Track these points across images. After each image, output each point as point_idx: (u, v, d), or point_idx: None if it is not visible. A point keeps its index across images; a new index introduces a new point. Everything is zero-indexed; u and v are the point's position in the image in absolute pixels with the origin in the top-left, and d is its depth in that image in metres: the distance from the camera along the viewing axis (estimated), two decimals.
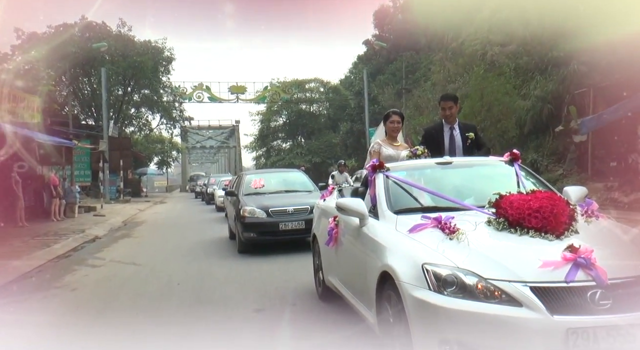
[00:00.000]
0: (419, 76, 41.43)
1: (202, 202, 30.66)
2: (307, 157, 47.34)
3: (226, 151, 71.00)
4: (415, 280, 3.18)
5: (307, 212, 9.14)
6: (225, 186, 18.92)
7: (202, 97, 41.58)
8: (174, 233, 14.58)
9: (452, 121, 5.56)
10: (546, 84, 20.57)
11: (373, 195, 4.40)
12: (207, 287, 7.04)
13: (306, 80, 51.93)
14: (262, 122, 52.71)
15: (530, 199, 3.55)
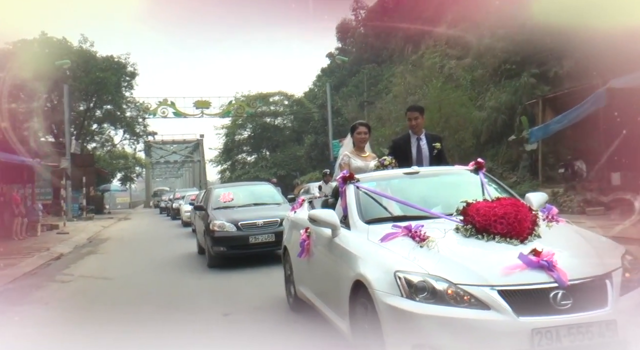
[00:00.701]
0: (381, 88, 42.28)
1: (168, 217, 30.51)
2: (272, 170, 47.59)
3: (190, 165, 70.66)
4: (388, 288, 3.27)
5: (276, 225, 9.13)
6: (191, 201, 18.91)
7: (167, 113, 41.56)
8: (140, 249, 14.64)
9: (418, 132, 5.71)
10: (500, 96, 21.54)
11: (344, 206, 4.49)
12: (178, 297, 7.30)
13: (270, 93, 52.34)
14: (227, 136, 52.81)
15: (496, 206, 3.69)
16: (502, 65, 22.13)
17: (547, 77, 20.67)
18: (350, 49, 54.64)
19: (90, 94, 39.55)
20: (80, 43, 39.34)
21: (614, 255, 3.49)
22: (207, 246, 9.71)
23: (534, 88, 20.47)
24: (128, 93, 41.92)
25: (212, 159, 55.77)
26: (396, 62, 43.11)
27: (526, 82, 20.52)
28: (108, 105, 41.67)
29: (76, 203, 31.55)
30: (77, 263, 11.97)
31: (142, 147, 50.68)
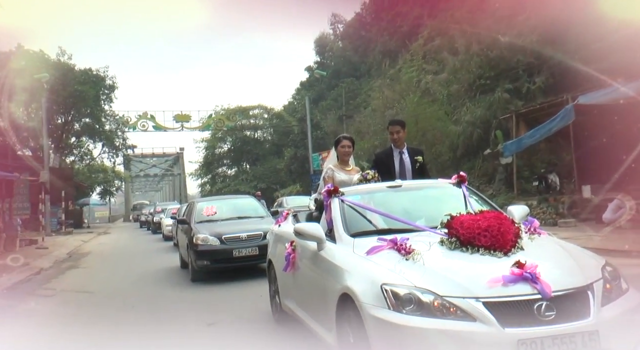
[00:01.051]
0: (360, 102, 42.81)
1: (148, 231, 30.39)
2: (252, 183, 47.69)
3: (170, 179, 70.30)
4: (375, 300, 3.31)
5: (260, 238, 9.18)
6: (173, 214, 18.94)
7: (146, 126, 41.51)
8: (122, 263, 14.68)
9: (400, 145, 5.79)
10: (475, 110, 22.08)
11: (329, 219, 4.52)
12: (162, 309, 7.47)
13: (250, 106, 52.61)
14: (207, 149, 52.85)
15: (479, 219, 3.75)
16: (477, 81, 22.72)
17: (520, 92, 21.27)
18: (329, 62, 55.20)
19: (69, 107, 39.34)
20: (58, 56, 39.22)
21: (594, 266, 3.56)
22: (190, 260, 9.68)
23: (507, 103, 21.04)
24: (107, 106, 41.81)
25: (192, 172, 55.79)
26: (374, 76, 43.72)
27: (500, 97, 21.09)
28: (87, 118, 41.47)
29: (55, 217, 31.30)
30: (58, 277, 12.01)
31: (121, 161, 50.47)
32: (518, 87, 21.34)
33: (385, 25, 45.79)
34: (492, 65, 22.44)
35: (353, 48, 52.36)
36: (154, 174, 67.94)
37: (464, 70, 23.79)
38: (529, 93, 21.16)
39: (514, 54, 21.78)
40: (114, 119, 42.73)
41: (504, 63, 22.11)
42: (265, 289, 6.67)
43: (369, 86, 42.80)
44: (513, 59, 21.77)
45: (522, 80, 21.43)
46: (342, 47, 54.95)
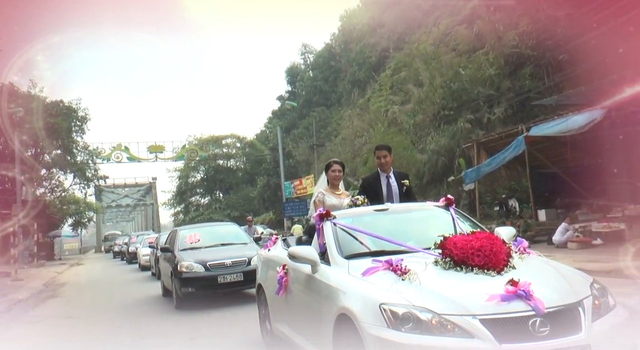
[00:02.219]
0: (331, 130, 43.84)
1: (123, 261, 30.32)
2: (225, 212, 48.05)
3: (143, 209, 69.92)
4: (374, 320, 3.39)
5: (244, 264, 9.33)
6: (150, 244, 18.78)
7: (121, 158, 41.77)
8: (101, 292, 14.86)
9: (387, 170, 5.87)
10: (439, 139, 23.27)
11: (322, 242, 4.60)
12: (148, 332, 7.94)
13: (223, 136, 53.33)
14: (180, 179, 53.15)
15: (472, 239, 3.84)
16: (441, 111, 24.00)
17: (481, 123, 22.58)
18: (300, 91, 56.42)
19: (40, 140, 39.28)
20: (29, 88, 39.32)
21: (583, 284, 3.68)
22: (174, 287, 9.67)
23: (469, 132, 22.30)
24: (79, 138, 41.91)
25: (165, 201, 55.83)
26: (344, 105, 44.96)
27: (462, 127, 22.36)
28: (58, 150, 41.43)
29: (26, 250, 31.13)
30: (39, 306, 12.33)
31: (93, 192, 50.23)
32: (479, 117, 22.66)
33: (354, 56, 47.32)
34: (454, 97, 23.78)
35: (323, 77, 53.68)
36: (126, 204, 67.51)
37: (429, 101, 25.09)
38: (489, 123, 22.49)
39: (474, 86, 23.17)
40: (86, 150, 42.79)
41: (465, 95, 23.48)
42: (251, 313, 6.76)
43: (339, 115, 43.96)
44: (474, 91, 23.16)
45: (483, 111, 22.78)
46: (312, 76, 56.17)
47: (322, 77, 53.46)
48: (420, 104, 26.01)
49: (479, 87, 22.93)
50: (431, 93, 25.14)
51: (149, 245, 18.55)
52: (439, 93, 24.55)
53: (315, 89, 53.32)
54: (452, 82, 23.96)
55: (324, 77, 53.17)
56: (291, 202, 32.65)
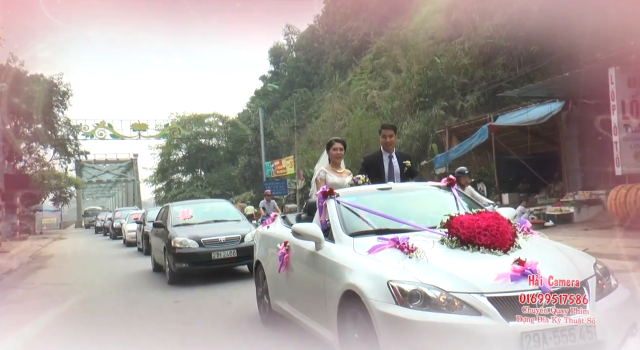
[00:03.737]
0: (312, 112, 44.46)
1: (105, 237, 30.61)
2: (207, 190, 48.67)
3: (124, 185, 70.23)
4: (382, 297, 3.42)
5: (238, 241, 9.41)
6: (135, 220, 18.82)
7: (104, 135, 42.10)
8: (90, 265, 15.04)
9: (390, 149, 5.92)
10: (415, 125, 24.27)
11: (324, 220, 4.64)
12: (140, 299, 8.53)
13: (205, 114, 53.68)
14: (162, 156, 53.47)
15: (478, 218, 3.87)
16: (417, 98, 24.97)
17: (455, 110, 23.61)
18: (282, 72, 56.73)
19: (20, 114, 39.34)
20: (9, 62, 39.23)
21: (587, 264, 3.75)
22: (167, 263, 9.72)
23: (443, 119, 23.34)
24: (61, 113, 42.02)
25: (147, 178, 56.21)
26: (326, 87, 45.53)
27: (437, 114, 23.37)
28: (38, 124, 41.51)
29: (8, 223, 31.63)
30: (31, 275, 13.02)
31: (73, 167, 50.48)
32: (453, 104, 23.68)
33: (337, 39, 47.74)
34: (430, 84, 24.74)
35: (306, 59, 53.99)
36: (107, 180, 67.74)
37: (406, 87, 26.01)
38: (462, 110, 23.53)
39: (449, 75, 24.15)
40: (67, 125, 42.97)
41: (440, 82, 24.44)
42: (245, 290, 7.00)
43: (321, 97, 44.60)
44: (449, 79, 24.14)
45: (457, 98, 23.80)
46: (295, 57, 56.38)
47: (305, 58, 53.72)
48: (397, 90, 26.90)
49: (453, 75, 23.89)
50: (408, 80, 26.05)
51: (135, 221, 18.56)
52: (416, 80, 25.48)
53: (298, 70, 53.61)
54: (429, 70, 24.89)
55: (307, 58, 53.44)
56: (271, 182, 33.54)
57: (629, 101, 11.16)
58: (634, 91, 11.17)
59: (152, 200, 57.51)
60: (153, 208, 21.41)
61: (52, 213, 60.83)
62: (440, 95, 24.19)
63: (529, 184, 17.89)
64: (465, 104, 23.32)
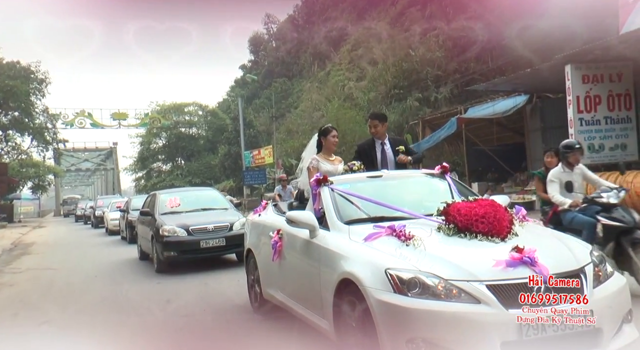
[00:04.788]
0: (292, 101, 44.88)
1: (86, 225, 30.51)
2: (187, 179, 48.92)
3: (103, 173, 70.02)
4: (380, 285, 3.38)
5: (227, 229, 9.45)
6: (118, 208, 18.77)
7: (84, 124, 42.04)
8: (73, 252, 15.06)
9: (381, 137, 5.89)
10: (390, 116, 24.90)
11: (317, 208, 4.59)
12: (126, 285, 8.57)
13: (185, 103, 53.76)
14: (142, 145, 53.46)
15: (475, 206, 3.84)
16: (392, 90, 25.66)
17: (428, 101, 24.37)
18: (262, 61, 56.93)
19: None
20: None
21: (583, 251, 3.73)
22: (155, 251, 9.70)
23: (418, 110, 24.09)
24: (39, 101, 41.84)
25: (127, 167, 56.19)
26: (306, 77, 45.97)
27: (411, 105, 24.10)
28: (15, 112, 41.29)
29: None
30: (16, 261, 13.38)
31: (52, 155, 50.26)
32: (427, 96, 24.44)
33: (316, 29, 48.15)
34: (405, 76, 25.45)
35: (286, 49, 54.20)
36: (86, 169, 67.48)
37: (382, 79, 26.69)
38: (436, 102, 24.31)
39: (424, 67, 24.87)
40: (47, 113, 42.82)
41: (415, 74, 25.17)
42: (235, 279, 7.12)
43: (300, 87, 45.01)
44: (423, 71, 24.86)
45: (431, 90, 24.56)
46: (275, 47, 56.57)
47: (285, 48, 53.87)
48: (374, 82, 27.56)
49: (428, 67, 24.62)
50: (384, 71, 26.70)
51: (118, 209, 18.51)
52: (391, 72, 26.14)
53: (278, 59, 53.81)
54: (404, 62, 25.56)
55: (287, 48, 53.58)
56: (251, 171, 33.99)
57: (583, 96, 11.94)
58: (588, 87, 11.94)
59: (132, 189, 57.60)
60: (137, 196, 21.13)
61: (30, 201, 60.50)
62: (414, 87, 24.91)
63: (497, 174, 18.71)
64: (439, 95, 24.09)
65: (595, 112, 12.06)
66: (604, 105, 12.06)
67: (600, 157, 12.21)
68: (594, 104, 12.04)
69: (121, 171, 59.09)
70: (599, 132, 12.12)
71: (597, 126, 12.09)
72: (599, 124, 12.10)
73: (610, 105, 12.09)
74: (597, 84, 12.00)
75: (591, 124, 12.07)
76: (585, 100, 12.00)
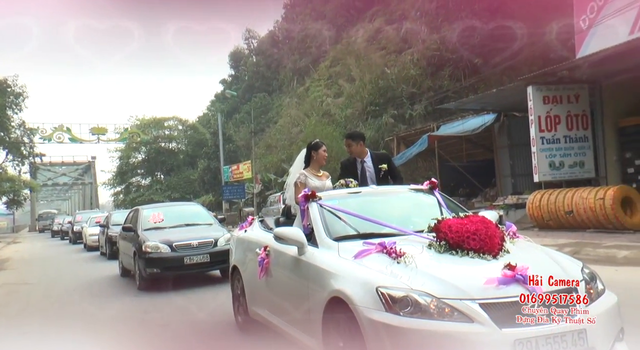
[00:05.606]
0: (271, 116, 45.32)
1: (64, 241, 30.05)
2: (166, 193, 48.82)
3: (81, 188, 69.41)
4: (371, 303, 3.31)
5: (211, 245, 9.28)
6: (97, 223, 18.44)
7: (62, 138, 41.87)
8: (51, 268, 14.90)
9: (360, 155, 5.90)
10: (366, 132, 25.48)
11: (306, 224, 4.52)
12: (108, 303, 8.47)
13: (165, 118, 53.82)
14: (121, 159, 53.27)
15: (467, 222, 3.76)
16: (368, 107, 26.27)
17: (404, 118, 25.00)
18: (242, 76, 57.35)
19: None
20: None
21: (575, 269, 3.68)
22: (137, 268, 9.46)
23: (393, 126, 24.69)
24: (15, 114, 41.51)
25: (105, 181, 55.85)
26: (285, 93, 46.49)
27: (387, 122, 24.71)
28: None
29: None
30: None
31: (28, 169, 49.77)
32: (402, 113, 25.07)
33: (296, 45, 48.82)
34: (381, 93, 26.09)
35: (266, 64, 54.71)
36: (63, 183, 66.82)
37: (358, 96, 27.33)
38: (411, 118, 24.94)
39: (399, 84, 25.55)
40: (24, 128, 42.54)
41: (391, 92, 25.82)
42: (219, 296, 7.05)
43: (279, 102, 45.50)
44: (398, 89, 25.54)
45: (406, 107, 25.20)
46: (255, 62, 57.09)
47: (265, 63, 54.37)
48: (351, 99, 28.16)
49: (403, 85, 25.29)
50: (361, 88, 27.33)
51: (98, 225, 18.11)
52: (368, 89, 26.77)
53: (258, 74, 54.22)
54: (380, 80, 26.22)
55: (267, 63, 54.10)
56: (230, 186, 34.25)
57: (544, 116, 12.57)
58: (548, 108, 12.58)
59: (111, 204, 57.24)
60: (117, 211, 20.84)
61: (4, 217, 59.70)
62: (390, 104, 25.53)
63: (469, 189, 19.32)
64: (413, 112, 24.73)
65: (556, 131, 12.70)
66: (564, 124, 12.72)
67: (560, 174, 12.84)
68: (554, 124, 12.69)
69: (99, 185, 58.73)
70: (559, 150, 12.76)
71: (558, 144, 12.74)
72: (559, 143, 12.75)
73: (569, 125, 12.76)
74: (556, 105, 12.66)
75: (552, 143, 12.70)
76: (546, 120, 12.64)
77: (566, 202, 11.59)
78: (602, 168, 13.06)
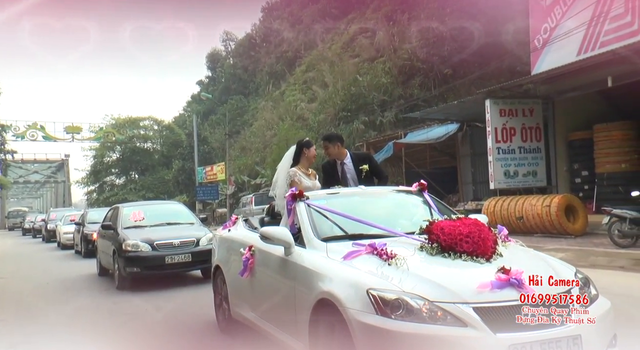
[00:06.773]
0: (247, 119, 45.72)
1: (36, 239, 29.84)
2: (140, 193, 48.75)
3: (53, 186, 68.70)
4: (361, 306, 3.23)
5: (193, 245, 9.18)
6: (72, 221, 18.34)
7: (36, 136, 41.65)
8: (24, 265, 14.70)
9: (338, 157, 5.85)
10: None
11: (292, 224, 4.45)
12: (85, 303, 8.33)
13: (140, 118, 53.75)
14: (95, 158, 52.98)
15: (459, 225, 3.69)
16: (340, 112, 27.01)
17: (374, 124, 25.76)
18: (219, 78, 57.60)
19: None
20: None
21: (568, 273, 3.64)
22: (117, 267, 9.36)
23: (364, 132, 25.43)
24: None
25: (79, 180, 55.46)
26: (261, 96, 46.95)
27: (358, 128, 25.46)
28: None
29: None
30: None
31: None
32: (372, 119, 25.83)
33: (273, 49, 49.36)
34: (353, 100, 26.85)
35: (243, 66, 55.07)
36: (35, 181, 66.05)
37: (331, 102, 28.05)
38: (381, 125, 25.71)
39: (370, 92, 26.36)
40: None
41: (362, 99, 26.60)
42: (201, 297, 7.00)
43: (255, 105, 45.94)
44: (370, 96, 26.33)
45: (376, 114, 25.98)
46: (232, 64, 57.40)
47: (242, 65, 54.66)
48: (323, 104, 28.85)
49: (374, 92, 26.09)
50: (333, 95, 28.05)
51: (73, 223, 17.90)
52: (340, 95, 27.51)
53: (235, 76, 54.54)
54: (352, 86, 26.98)
55: (244, 65, 54.40)
56: (204, 187, 34.64)
57: (500, 128, 13.45)
58: (504, 120, 13.46)
59: (84, 202, 56.82)
60: (93, 209, 20.71)
61: None
62: (361, 110, 26.29)
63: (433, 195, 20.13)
64: (384, 119, 25.51)
65: (511, 142, 13.59)
66: (518, 136, 13.62)
67: (515, 182, 13.73)
68: (509, 135, 13.57)
69: (72, 184, 58.30)
70: (514, 160, 13.66)
71: (513, 155, 13.63)
72: (514, 153, 13.64)
73: (523, 137, 13.66)
74: (512, 118, 13.55)
75: (507, 153, 13.58)
76: (502, 131, 13.51)
77: (517, 209, 12.45)
78: (554, 177, 14.00)
